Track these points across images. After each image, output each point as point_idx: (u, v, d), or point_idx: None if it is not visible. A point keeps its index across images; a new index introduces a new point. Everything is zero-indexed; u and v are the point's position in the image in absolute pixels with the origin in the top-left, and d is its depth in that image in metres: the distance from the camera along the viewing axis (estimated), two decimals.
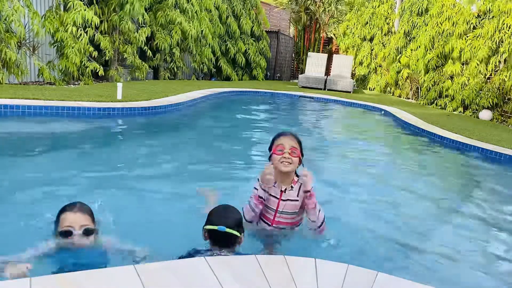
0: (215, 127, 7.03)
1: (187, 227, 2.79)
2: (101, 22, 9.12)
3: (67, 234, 1.95)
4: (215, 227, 2.01)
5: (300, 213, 2.38)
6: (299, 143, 2.35)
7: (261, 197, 2.33)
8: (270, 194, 2.39)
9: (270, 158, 2.41)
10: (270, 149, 2.41)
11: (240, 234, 2.07)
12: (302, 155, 2.38)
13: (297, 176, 2.43)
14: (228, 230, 2.00)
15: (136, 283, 1.56)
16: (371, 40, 17.01)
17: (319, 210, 2.27)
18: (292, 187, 2.37)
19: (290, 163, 2.29)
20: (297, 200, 2.34)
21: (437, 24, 12.32)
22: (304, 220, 2.47)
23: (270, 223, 2.39)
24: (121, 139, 5.46)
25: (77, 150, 4.52)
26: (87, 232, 1.98)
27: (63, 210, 2.02)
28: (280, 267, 1.80)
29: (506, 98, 10.21)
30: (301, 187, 2.35)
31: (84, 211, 2.03)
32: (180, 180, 3.88)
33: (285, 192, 2.36)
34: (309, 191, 2.26)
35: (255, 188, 2.37)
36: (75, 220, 1.97)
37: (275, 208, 2.37)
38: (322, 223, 2.28)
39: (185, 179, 3.92)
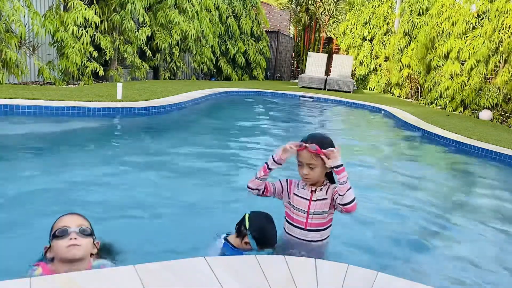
0: (215, 127, 7.03)
1: (185, 227, 2.80)
2: (101, 22, 9.12)
3: (63, 233, 1.76)
4: (246, 215, 2.29)
5: (330, 212, 2.38)
6: (324, 146, 2.23)
7: (267, 164, 2.29)
8: (300, 196, 2.38)
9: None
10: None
11: (247, 234, 2.22)
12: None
13: (328, 179, 2.38)
14: (247, 220, 2.25)
15: (136, 283, 1.56)
16: (371, 40, 17.02)
17: (349, 188, 2.17)
18: (321, 189, 2.36)
19: (309, 179, 2.29)
20: (326, 199, 2.34)
21: (437, 24, 12.33)
22: (331, 232, 2.45)
23: (303, 227, 2.38)
24: (121, 139, 5.46)
25: (77, 150, 4.52)
26: (85, 232, 1.81)
27: (57, 218, 1.86)
28: (280, 267, 1.80)
29: (506, 98, 10.21)
30: (330, 187, 2.34)
31: (82, 216, 1.90)
32: (180, 181, 3.88)
33: (315, 193, 2.35)
34: (339, 166, 2.17)
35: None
36: (71, 221, 1.82)
37: (306, 210, 2.36)
38: (351, 202, 2.17)
39: (184, 180, 3.92)
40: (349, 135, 7.61)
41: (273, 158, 2.28)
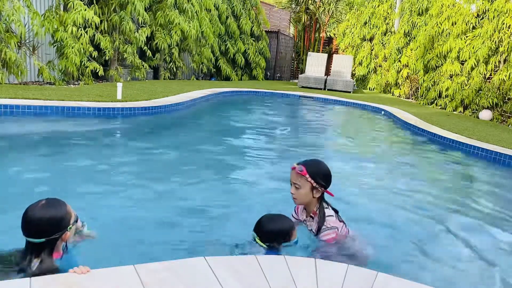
0: (215, 127, 7.04)
1: (186, 227, 2.80)
2: (101, 22, 9.12)
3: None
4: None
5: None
6: (311, 173, 2.33)
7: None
8: (299, 219, 2.59)
9: None
10: None
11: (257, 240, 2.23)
12: (317, 182, 2.34)
13: (322, 204, 2.44)
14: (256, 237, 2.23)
15: (136, 283, 1.56)
16: (371, 40, 17.01)
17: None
18: (312, 217, 2.44)
19: (296, 198, 2.41)
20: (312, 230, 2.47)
21: (437, 24, 12.33)
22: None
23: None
24: (121, 139, 5.46)
25: (76, 150, 4.52)
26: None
27: (63, 204, 1.94)
28: (280, 267, 1.80)
29: (506, 98, 10.21)
30: (323, 219, 2.39)
31: None
32: (180, 181, 3.88)
33: (305, 223, 2.52)
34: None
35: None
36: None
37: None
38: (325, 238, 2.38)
39: (184, 179, 3.92)
40: (348, 135, 7.61)
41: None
